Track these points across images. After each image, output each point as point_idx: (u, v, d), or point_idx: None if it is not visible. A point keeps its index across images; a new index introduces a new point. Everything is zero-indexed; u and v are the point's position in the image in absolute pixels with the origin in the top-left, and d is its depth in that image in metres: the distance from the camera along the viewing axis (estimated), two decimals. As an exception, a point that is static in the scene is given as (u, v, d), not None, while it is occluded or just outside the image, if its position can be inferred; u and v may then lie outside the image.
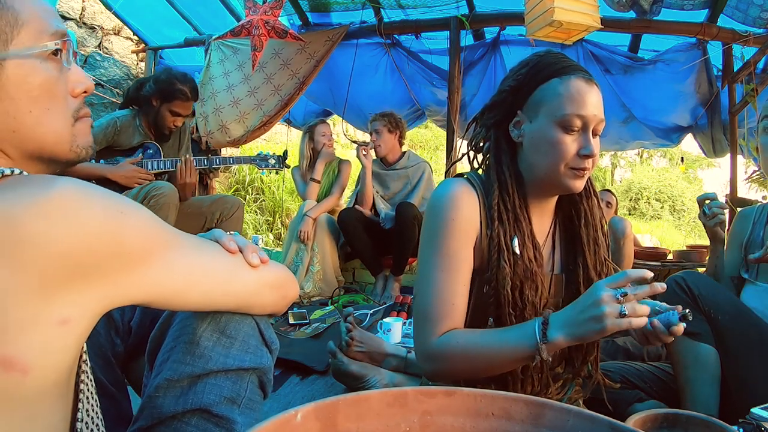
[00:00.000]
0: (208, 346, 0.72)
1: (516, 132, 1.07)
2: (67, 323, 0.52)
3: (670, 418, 0.87)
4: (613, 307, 0.84)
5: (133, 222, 0.56)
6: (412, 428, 0.49)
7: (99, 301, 0.55)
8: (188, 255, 0.64)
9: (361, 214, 3.14)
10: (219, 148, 3.96)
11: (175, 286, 0.63)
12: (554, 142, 1.00)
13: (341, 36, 3.48)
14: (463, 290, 1.03)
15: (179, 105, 2.54)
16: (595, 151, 1.00)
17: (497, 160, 1.08)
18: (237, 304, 0.74)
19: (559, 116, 0.99)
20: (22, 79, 0.59)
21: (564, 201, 1.13)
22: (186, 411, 0.70)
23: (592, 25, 2.41)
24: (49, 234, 0.49)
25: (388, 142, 3.22)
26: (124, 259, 0.56)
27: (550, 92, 1.01)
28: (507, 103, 1.08)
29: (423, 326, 1.02)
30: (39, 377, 0.51)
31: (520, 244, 1.03)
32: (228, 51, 3.67)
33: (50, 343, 0.51)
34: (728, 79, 3.15)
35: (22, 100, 0.59)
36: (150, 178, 2.53)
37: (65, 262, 0.50)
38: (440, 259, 1.02)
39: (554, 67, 1.02)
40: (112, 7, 3.96)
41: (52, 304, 0.51)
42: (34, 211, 0.49)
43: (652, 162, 15.05)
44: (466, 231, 1.04)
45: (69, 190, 0.52)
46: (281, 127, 5.22)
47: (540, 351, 0.88)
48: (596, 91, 1.02)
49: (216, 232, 0.74)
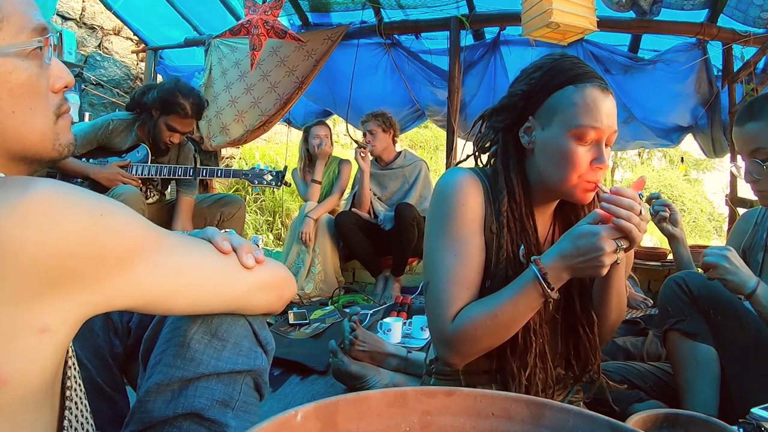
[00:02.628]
0: (199, 349, 0.71)
1: (526, 138, 1.04)
2: (47, 331, 0.50)
3: (670, 418, 0.87)
4: (611, 257, 0.90)
5: (114, 224, 0.54)
6: (412, 428, 0.49)
7: (80, 308, 0.53)
8: (176, 257, 0.62)
9: (358, 216, 3.14)
10: (219, 149, 3.95)
11: (162, 291, 0.60)
12: (568, 153, 0.97)
13: (341, 36, 3.47)
14: (475, 276, 1.00)
15: (177, 120, 2.44)
16: (608, 163, 0.99)
17: (505, 165, 1.06)
18: (230, 307, 0.72)
19: (573, 126, 0.96)
20: (4, 78, 0.57)
21: (565, 205, 1.13)
22: (177, 415, 0.69)
23: (589, 27, 2.42)
24: (26, 240, 0.47)
25: (382, 142, 3.22)
26: (106, 263, 0.53)
27: (565, 100, 0.98)
28: (518, 108, 1.05)
29: (437, 313, 0.99)
30: (19, 387, 0.49)
31: (526, 254, 1.02)
32: (226, 49, 3.67)
33: (30, 352, 0.49)
34: (728, 79, 3.14)
35: (4, 100, 0.57)
36: (133, 183, 2.44)
37: (44, 268, 0.48)
38: (450, 243, 1.00)
39: (570, 73, 0.99)
40: (112, 7, 3.96)
41: (31, 312, 0.49)
42: (10, 216, 0.47)
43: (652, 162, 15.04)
44: (474, 218, 1.02)
45: (46, 194, 0.49)
46: (281, 127, 5.22)
47: (544, 288, 0.92)
48: (611, 100, 0.99)
49: (209, 230, 0.72)
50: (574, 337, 1.08)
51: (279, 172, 2.78)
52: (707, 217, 12.87)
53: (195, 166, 2.64)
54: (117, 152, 2.52)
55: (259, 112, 3.63)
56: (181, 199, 2.69)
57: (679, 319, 1.30)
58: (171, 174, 2.57)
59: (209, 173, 2.73)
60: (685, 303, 1.31)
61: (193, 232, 0.73)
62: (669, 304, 1.33)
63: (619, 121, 3.55)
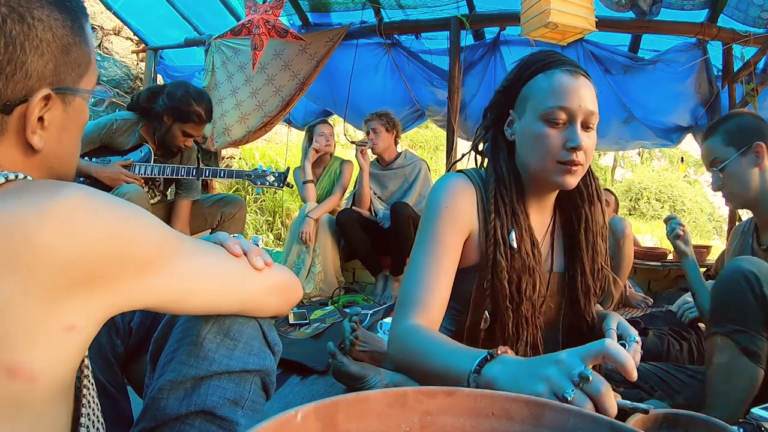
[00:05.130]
0: (212, 348, 0.72)
1: (509, 131, 1.08)
2: (73, 330, 0.52)
3: (671, 418, 0.87)
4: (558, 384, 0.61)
5: (139, 229, 0.57)
6: (412, 428, 0.49)
7: (105, 308, 0.55)
8: (194, 260, 0.64)
9: (359, 214, 3.15)
10: (220, 149, 3.95)
11: (181, 292, 0.63)
12: (539, 136, 0.99)
13: (341, 36, 3.48)
14: (444, 278, 1.00)
15: (192, 127, 2.47)
16: (583, 144, 0.97)
17: (494, 156, 1.09)
18: (242, 308, 0.74)
19: (542, 110, 0.98)
20: (80, 114, 0.65)
21: (565, 203, 1.13)
22: (189, 413, 0.70)
23: (587, 27, 2.43)
24: (55, 243, 0.49)
25: (385, 141, 3.24)
26: (131, 266, 0.56)
27: (535, 88, 1.01)
28: (501, 104, 1.10)
29: (399, 308, 0.99)
30: (45, 384, 0.51)
31: (518, 238, 1.02)
32: (229, 52, 3.67)
33: (56, 349, 0.51)
34: (728, 79, 3.15)
35: (74, 133, 0.66)
36: (136, 182, 2.43)
37: (71, 270, 0.51)
38: (427, 245, 1.02)
39: (540, 63, 1.02)
40: (112, 7, 3.96)
41: (58, 311, 0.51)
42: (40, 219, 0.49)
43: (653, 162, 15.04)
44: (458, 221, 1.03)
45: (76, 198, 0.52)
46: (281, 128, 5.22)
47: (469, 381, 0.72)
48: (583, 82, 0.99)
49: (220, 235, 0.74)
50: (578, 337, 1.09)
51: (281, 173, 2.77)
52: (707, 217, 12.86)
53: (198, 166, 2.65)
54: (119, 152, 2.52)
55: (262, 114, 3.65)
56: (179, 203, 2.68)
57: (739, 328, 1.15)
58: (174, 174, 2.57)
59: (212, 173, 2.73)
60: (751, 306, 1.13)
61: (205, 237, 0.75)
62: (731, 302, 1.17)
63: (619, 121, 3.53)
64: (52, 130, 0.62)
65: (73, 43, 0.61)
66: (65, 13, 0.60)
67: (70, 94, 0.62)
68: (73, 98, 0.63)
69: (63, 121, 0.63)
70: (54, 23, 0.59)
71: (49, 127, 0.61)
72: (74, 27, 0.61)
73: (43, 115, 0.60)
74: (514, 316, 1.01)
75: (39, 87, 0.58)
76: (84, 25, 0.63)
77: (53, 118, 0.61)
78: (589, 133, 1.01)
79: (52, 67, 0.59)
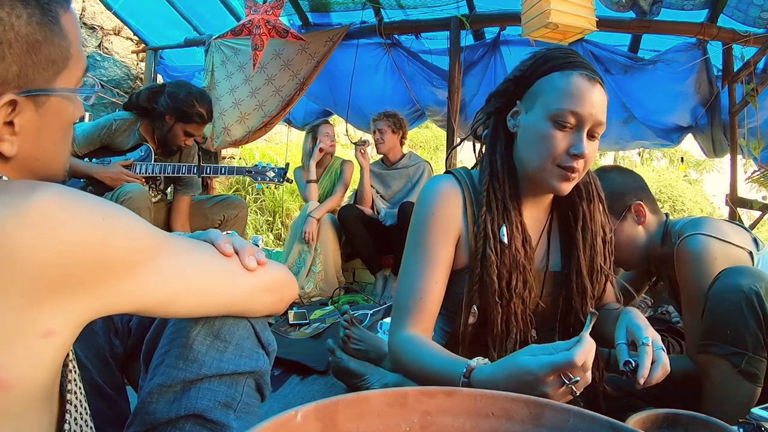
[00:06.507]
0: (202, 351, 0.71)
1: (512, 122, 1.06)
2: (51, 335, 0.50)
3: (670, 418, 0.87)
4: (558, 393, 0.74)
5: (118, 230, 0.54)
6: (412, 428, 0.49)
7: (83, 312, 0.53)
8: (179, 261, 0.62)
9: (361, 212, 3.16)
10: (220, 149, 3.95)
11: (165, 295, 0.60)
12: (544, 135, 0.98)
13: (341, 36, 3.48)
14: (435, 287, 1.01)
15: (194, 127, 2.49)
16: (586, 152, 0.97)
17: (492, 147, 1.08)
18: (232, 309, 0.72)
19: (553, 110, 0.97)
20: (58, 114, 0.61)
21: (563, 200, 1.11)
22: (179, 417, 0.69)
23: (588, 27, 2.42)
24: (30, 246, 0.47)
25: (390, 142, 3.28)
26: (109, 269, 0.54)
27: (549, 85, 0.99)
28: (508, 92, 1.07)
29: (395, 317, 1.03)
30: (22, 390, 0.49)
31: (509, 234, 1.01)
32: (229, 52, 3.67)
33: (33, 355, 0.49)
34: (728, 79, 3.14)
35: (55, 134, 0.62)
36: (137, 182, 2.44)
37: (48, 274, 0.48)
38: (417, 254, 1.03)
39: (558, 61, 1.00)
40: (112, 7, 3.96)
41: (35, 316, 0.49)
42: (14, 222, 0.47)
43: (653, 162, 15.04)
44: (446, 228, 1.03)
45: (50, 199, 0.49)
46: (281, 128, 5.22)
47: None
48: (599, 90, 0.98)
49: (212, 233, 0.72)
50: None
51: (281, 169, 2.81)
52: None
53: (199, 164, 2.66)
54: (119, 152, 2.53)
55: (262, 114, 3.65)
56: (179, 198, 2.69)
57: (738, 351, 1.09)
58: (175, 172, 2.58)
59: (212, 171, 2.75)
60: (751, 328, 1.07)
61: (195, 234, 0.73)
62: (728, 323, 1.10)
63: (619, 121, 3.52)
64: (25, 133, 0.57)
65: (42, 39, 0.56)
66: (31, 7, 0.55)
67: (43, 95, 0.58)
68: (47, 99, 0.58)
69: (37, 123, 0.58)
70: (16, 21, 0.53)
71: (21, 131, 0.57)
72: (44, 21, 0.56)
73: (12, 119, 0.56)
74: (504, 312, 1.00)
75: (2, 92, 0.54)
76: (58, 16, 0.57)
77: (25, 121, 0.57)
78: (592, 142, 1.00)
79: (17, 69, 0.54)
